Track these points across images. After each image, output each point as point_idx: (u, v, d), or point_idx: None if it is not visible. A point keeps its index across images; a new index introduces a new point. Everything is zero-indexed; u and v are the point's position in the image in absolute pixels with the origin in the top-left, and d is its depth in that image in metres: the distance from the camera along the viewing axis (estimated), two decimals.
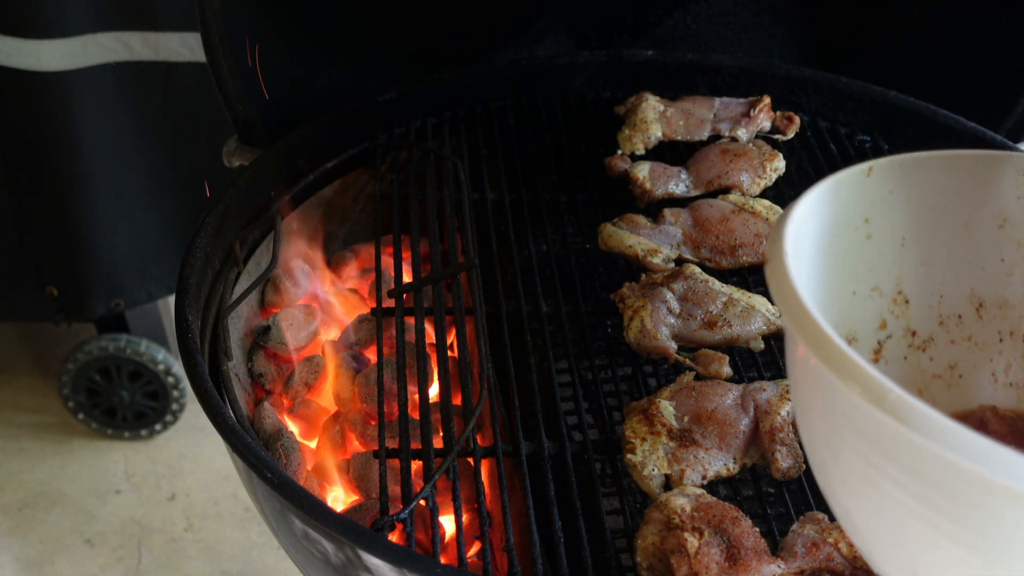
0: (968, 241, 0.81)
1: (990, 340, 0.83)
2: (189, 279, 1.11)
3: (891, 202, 0.77)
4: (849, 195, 0.75)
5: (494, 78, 1.47)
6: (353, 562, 0.88)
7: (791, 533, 0.92)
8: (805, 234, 0.70)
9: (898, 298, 0.80)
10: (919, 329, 0.82)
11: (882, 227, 0.78)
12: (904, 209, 0.78)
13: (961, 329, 0.83)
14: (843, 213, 0.75)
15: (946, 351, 0.83)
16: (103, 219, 2.03)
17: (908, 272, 0.80)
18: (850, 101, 1.45)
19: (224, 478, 2.24)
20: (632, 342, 1.11)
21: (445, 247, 1.24)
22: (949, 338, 0.83)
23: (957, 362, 0.83)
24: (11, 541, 2.11)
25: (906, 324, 0.81)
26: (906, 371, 0.81)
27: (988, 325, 0.83)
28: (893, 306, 0.80)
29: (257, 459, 0.93)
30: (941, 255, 0.81)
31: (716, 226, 1.23)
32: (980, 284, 0.82)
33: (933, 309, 0.82)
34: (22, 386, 2.43)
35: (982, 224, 0.80)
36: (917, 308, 0.81)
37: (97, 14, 1.84)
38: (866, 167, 0.76)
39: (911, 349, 0.82)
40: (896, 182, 0.77)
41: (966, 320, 0.83)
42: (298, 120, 1.35)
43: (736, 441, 0.99)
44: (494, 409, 1.07)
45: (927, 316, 0.82)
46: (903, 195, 0.78)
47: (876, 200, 0.77)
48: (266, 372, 1.19)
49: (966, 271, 0.82)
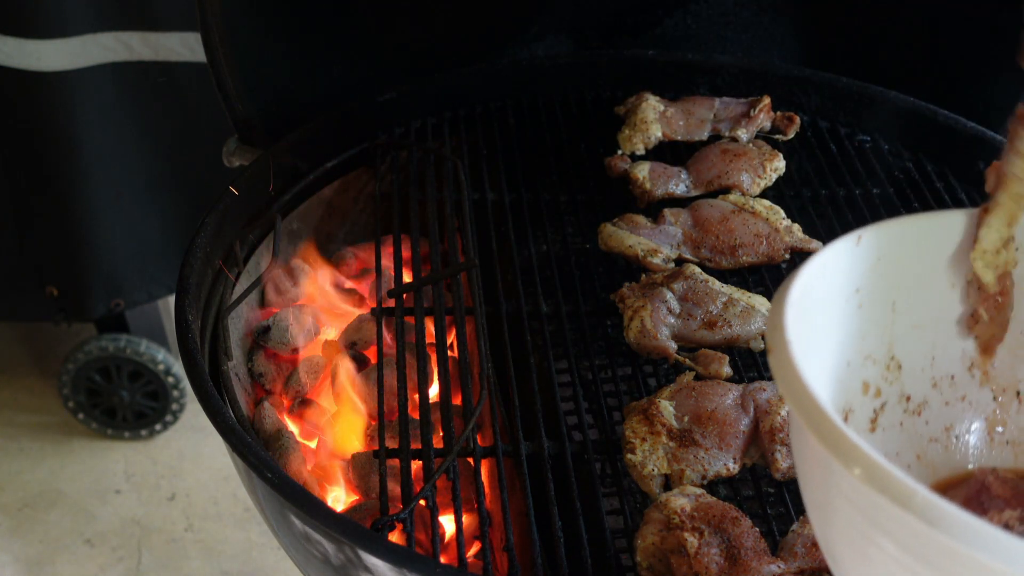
0: (956, 301, 0.81)
1: (984, 399, 0.83)
2: (189, 279, 1.11)
3: (880, 269, 0.78)
4: (839, 267, 0.76)
5: (494, 78, 1.47)
6: (353, 562, 0.88)
7: (791, 533, 0.92)
8: (803, 315, 0.70)
9: (891, 364, 0.80)
10: (913, 393, 0.82)
11: (872, 295, 0.78)
12: (893, 274, 0.79)
13: (954, 390, 0.83)
14: (835, 286, 0.76)
15: (941, 413, 0.83)
16: (103, 219, 2.03)
17: (900, 337, 0.80)
18: (850, 101, 1.45)
19: (224, 478, 2.24)
20: (632, 342, 1.11)
21: (445, 247, 1.24)
22: (943, 400, 0.83)
23: (953, 423, 0.83)
24: (11, 541, 2.11)
25: (900, 390, 0.81)
26: (903, 437, 0.81)
27: (981, 384, 0.83)
28: (887, 372, 0.80)
29: (257, 459, 0.93)
30: (931, 317, 0.81)
31: (716, 226, 1.23)
32: (969, 344, 0.82)
33: (926, 372, 0.82)
34: (22, 386, 2.43)
35: (967, 282, 0.81)
36: (910, 372, 0.81)
37: (97, 14, 1.84)
38: (855, 236, 0.76)
39: (907, 415, 0.82)
40: (884, 248, 0.78)
41: (959, 380, 0.83)
42: (298, 120, 1.35)
43: (736, 441, 0.99)
44: (494, 409, 1.07)
45: (920, 379, 0.82)
46: (891, 261, 0.78)
47: (865, 269, 0.77)
48: (266, 372, 1.19)
49: (956, 331, 0.82)
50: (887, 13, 1.50)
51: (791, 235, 1.23)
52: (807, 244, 1.23)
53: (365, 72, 1.45)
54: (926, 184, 1.35)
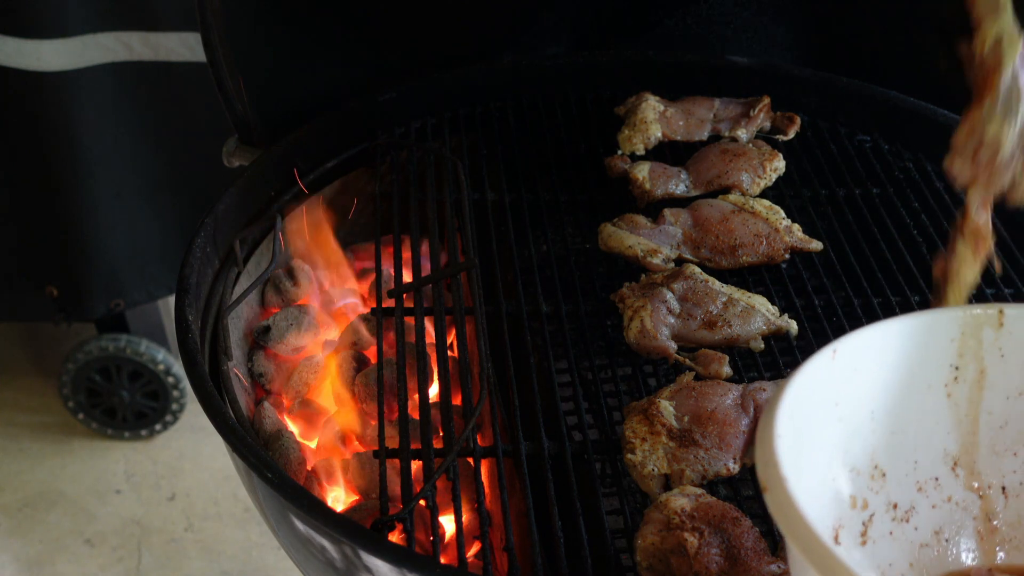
0: (933, 402, 0.82)
1: (969, 498, 0.83)
2: (189, 279, 1.11)
3: (857, 381, 0.78)
4: (817, 383, 0.76)
5: (494, 78, 1.47)
6: (353, 562, 0.88)
7: None
8: (789, 445, 0.70)
9: (875, 473, 0.80)
10: (900, 500, 0.82)
11: (852, 407, 0.78)
12: (870, 383, 0.79)
13: (940, 492, 0.83)
14: (814, 404, 0.76)
15: (929, 517, 0.82)
16: (103, 219, 2.03)
17: (881, 444, 0.80)
18: (850, 101, 1.45)
19: (224, 478, 2.24)
20: (632, 342, 1.11)
21: (445, 247, 1.24)
22: (930, 503, 0.82)
23: (942, 527, 0.83)
24: (11, 541, 2.11)
25: (887, 498, 0.81)
26: (894, 547, 0.81)
27: (965, 482, 0.83)
28: (871, 482, 0.80)
29: (257, 459, 0.93)
30: (911, 421, 0.81)
31: (716, 226, 1.23)
32: (950, 442, 0.83)
33: (910, 476, 0.82)
34: (22, 386, 2.43)
35: (942, 382, 0.82)
36: (894, 479, 0.81)
37: (97, 14, 1.84)
38: (830, 351, 0.76)
39: (895, 523, 0.81)
40: (860, 359, 0.78)
41: (943, 482, 0.83)
42: (298, 120, 1.35)
43: (736, 441, 0.99)
44: (494, 409, 1.06)
45: (905, 485, 0.82)
46: (868, 370, 0.79)
47: (842, 381, 0.77)
48: (266, 372, 1.19)
49: (936, 432, 0.82)
50: (887, 13, 1.50)
51: (791, 235, 1.23)
52: (807, 244, 1.23)
53: (365, 72, 1.45)
54: (926, 184, 1.35)
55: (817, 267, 1.23)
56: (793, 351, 1.12)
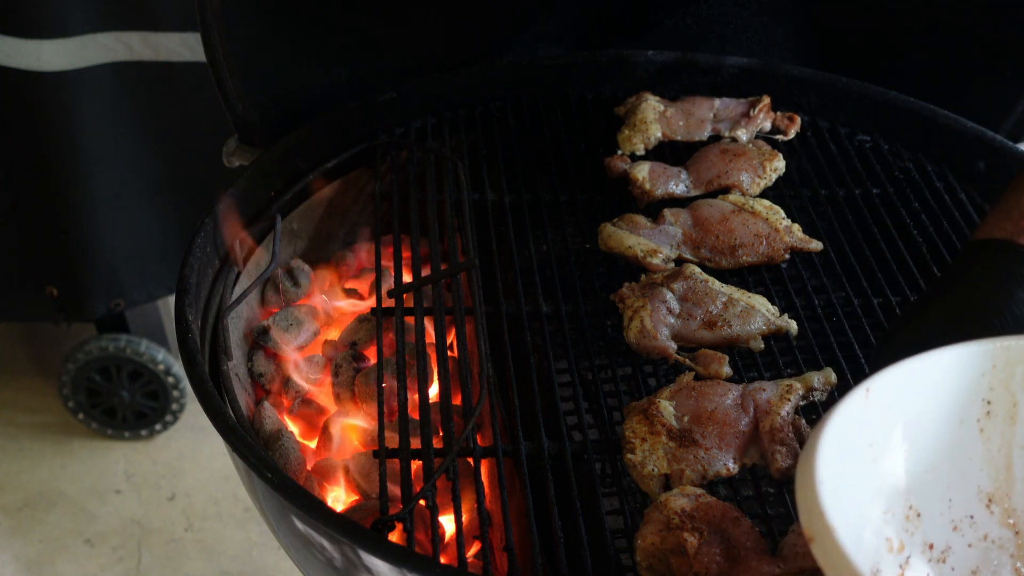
0: (965, 438, 0.81)
1: (1006, 535, 0.83)
2: (189, 279, 1.11)
3: (890, 419, 0.78)
4: (853, 423, 0.75)
5: (494, 78, 1.47)
6: (353, 562, 0.88)
7: (791, 533, 0.92)
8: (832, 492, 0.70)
9: (910, 514, 0.80)
10: (935, 541, 0.81)
11: (885, 447, 0.78)
12: (903, 421, 0.79)
13: (975, 530, 0.82)
14: (851, 445, 0.75)
15: (966, 556, 0.82)
16: (103, 219, 2.03)
17: (915, 484, 0.80)
18: (850, 101, 1.45)
19: (224, 478, 2.24)
20: (632, 342, 1.11)
21: (445, 247, 1.24)
22: (966, 542, 0.82)
23: (979, 566, 0.82)
24: (11, 541, 2.11)
25: (922, 539, 0.80)
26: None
27: (1000, 519, 0.82)
28: (907, 523, 0.80)
29: (257, 459, 0.93)
30: (944, 458, 0.81)
31: (716, 226, 1.22)
32: (984, 479, 0.82)
33: (945, 516, 0.81)
34: (22, 386, 2.42)
35: (974, 417, 0.81)
36: (929, 518, 0.81)
37: (97, 14, 1.84)
38: (864, 390, 0.76)
39: (932, 564, 0.81)
40: (893, 396, 0.78)
41: (978, 519, 0.82)
42: (298, 120, 1.35)
43: (736, 441, 0.99)
44: (494, 409, 1.06)
45: (940, 524, 0.81)
46: (901, 408, 0.78)
47: (876, 421, 0.77)
48: (266, 372, 1.19)
49: (969, 468, 0.82)
50: (887, 14, 1.50)
51: (791, 235, 1.23)
52: (807, 244, 1.23)
53: (365, 72, 1.45)
54: (926, 184, 1.35)
55: (817, 267, 1.23)
56: (793, 351, 1.12)
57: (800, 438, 1.00)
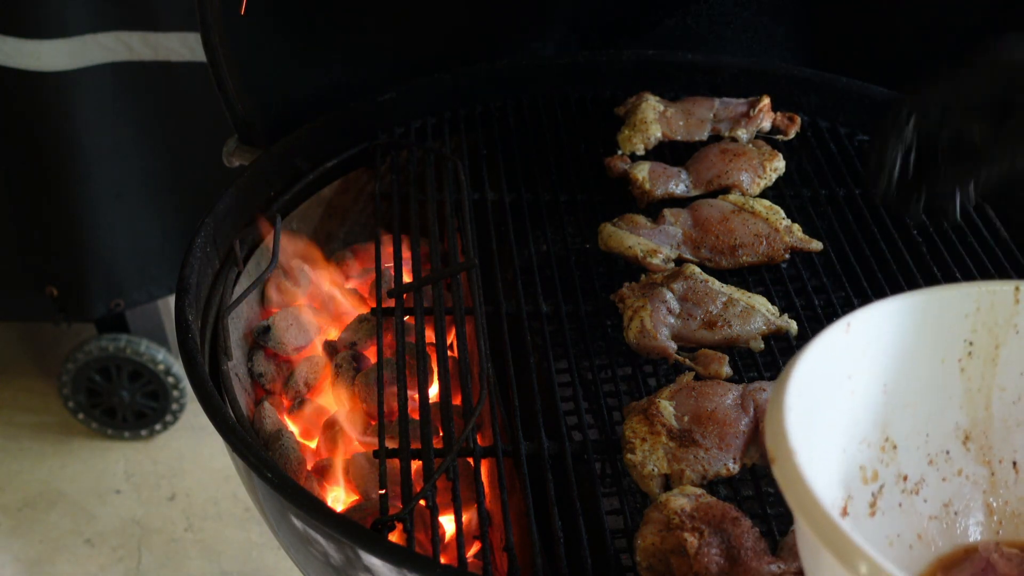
0: (946, 376, 0.82)
1: (980, 472, 0.83)
2: (189, 279, 1.11)
3: (870, 353, 0.78)
4: (830, 357, 0.76)
5: (494, 78, 1.47)
6: (353, 562, 0.88)
7: (791, 533, 0.92)
8: (800, 417, 0.70)
9: (886, 445, 0.81)
10: (910, 473, 0.82)
11: (864, 379, 0.79)
12: (883, 356, 0.79)
13: (950, 465, 0.83)
14: (827, 378, 0.76)
15: (939, 490, 0.83)
16: (103, 219, 2.03)
17: (893, 417, 0.81)
18: (850, 101, 1.45)
19: (224, 478, 2.24)
20: (632, 342, 1.11)
21: (445, 247, 1.24)
22: (940, 476, 0.83)
23: (951, 500, 0.83)
24: (11, 541, 2.11)
25: (897, 470, 0.81)
26: (902, 518, 0.81)
27: (976, 457, 0.83)
28: (882, 454, 0.81)
29: (257, 459, 0.93)
30: (922, 394, 0.82)
31: (716, 226, 1.22)
32: (962, 417, 0.83)
33: (921, 449, 0.82)
34: (22, 386, 2.42)
35: (955, 357, 0.82)
36: (905, 451, 0.81)
37: (97, 14, 1.84)
38: (844, 324, 0.77)
39: (904, 495, 0.82)
40: (873, 333, 0.78)
41: (954, 455, 0.83)
42: (298, 120, 1.35)
43: (736, 441, 0.99)
44: (494, 409, 1.06)
45: (916, 458, 0.82)
46: (881, 344, 0.79)
47: (856, 355, 0.77)
48: (266, 372, 1.19)
49: (948, 406, 0.83)
50: (886, 13, 1.50)
51: (791, 235, 1.23)
52: (807, 244, 1.23)
53: (365, 72, 1.45)
54: None
55: (817, 267, 1.23)
56: (793, 351, 1.12)
57: None
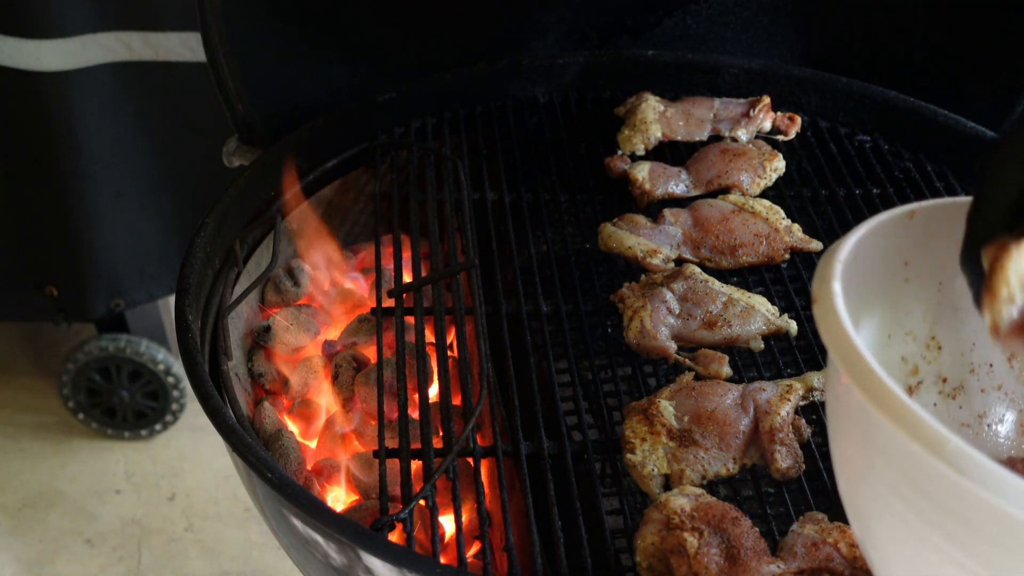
0: None
1: (1020, 391, 0.82)
2: (189, 279, 1.11)
3: (931, 246, 0.77)
4: (891, 237, 0.75)
5: (494, 78, 1.47)
6: (353, 562, 0.88)
7: (791, 533, 0.92)
8: (851, 276, 0.69)
9: (931, 343, 0.80)
10: (950, 376, 0.81)
11: (920, 271, 0.78)
12: (944, 253, 0.78)
13: (991, 378, 0.82)
14: (884, 255, 0.75)
15: (976, 400, 0.82)
16: (103, 219, 2.03)
17: (942, 318, 0.80)
18: (850, 101, 1.45)
19: (224, 478, 2.24)
20: (632, 342, 1.11)
21: (445, 247, 1.24)
22: (979, 387, 0.82)
23: (986, 411, 0.82)
24: (11, 541, 2.11)
25: (937, 370, 0.81)
26: (936, 418, 0.81)
27: (1019, 375, 0.82)
28: (926, 352, 0.80)
29: (257, 459, 0.93)
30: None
31: (716, 226, 1.23)
32: None
33: (965, 356, 0.81)
34: (22, 386, 2.43)
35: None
36: (949, 355, 0.81)
37: (97, 14, 1.84)
38: (909, 210, 0.76)
39: (941, 396, 0.81)
40: (938, 226, 0.77)
41: (997, 369, 0.82)
42: (298, 120, 1.35)
43: (736, 441, 0.99)
44: (494, 409, 1.07)
45: (958, 363, 0.81)
46: (944, 239, 0.77)
47: (917, 243, 0.76)
48: (266, 372, 1.19)
49: None
50: (886, 13, 1.50)
51: (791, 235, 1.23)
52: (807, 244, 1.23)
53: (365, 72, 1.45)
54: (926, 184, 1.35)
55: None
56: (793, 351, 1.12)
57: (800, 438, 1.00)
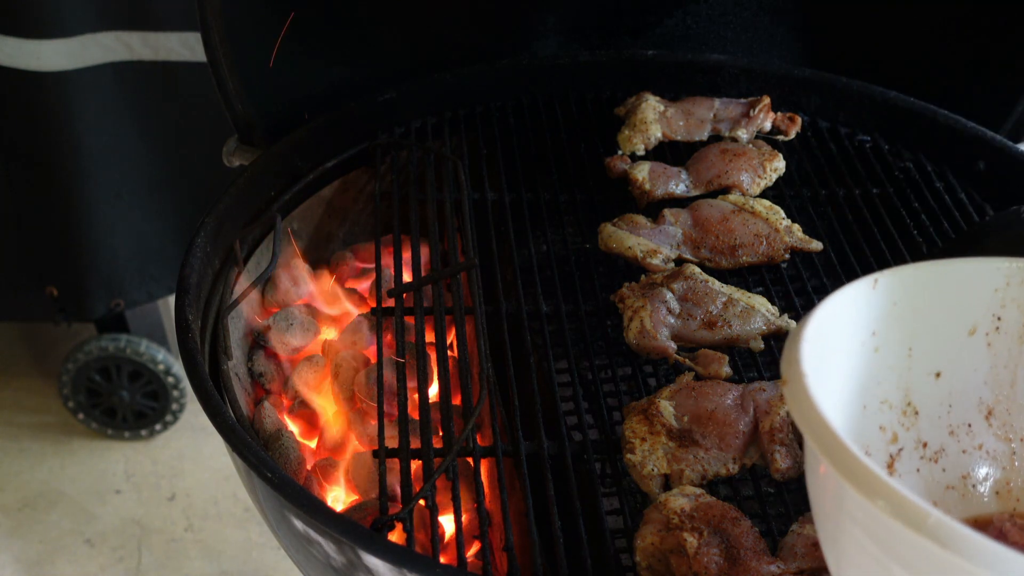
0: (972, 349, 0.81)
1: (1000, 448, 0.83)
2: (189, 279, 1.11)
3: (896, 314, 0.77)
4: (855, 309, 0.75)
5: (494, 78, 1.47)
6: (353, 562, 0.88)
7: (791, 533, 0.92)
8: (818, 353, 0.70)
9: (907, 410, 0.80)
10: (930, 440, 0.81)
11: (889, 339, 0.78)
12: (910, 320, 0.78)
13: (971, 438, 0.82)
14: (850, 328, 0.75)
15: (958, 461, 0.82)
16: (103, 219, 2.03)
17: (916, 383, 0.80)
18: (850, 101, 1.44)
19: (224, 478, 2.24)
20: (632, 342, 1.11)
21: (445, 247, 1.24)
22: (960, 448, 0.82)
23: (969, 472, 0.82)
24: (11, 541, 2.11)
25: (917, 436, 0.81)
26: (919, 483, 0.81)
27: (998, 433, 0.83)
28: (903, 418, 0.80)
29: (257, 459, 0.93)
30: (948, 364, 0.81)
31: (716, 226, 1.22)
32: (986, 391, 0.82)
33: (943, 419, 0.81)
34: (22, 386, 2.43)
35: (983, 331, 0.81)
36: (927, 419, 0.81)
37: (97, 14, 1.84)
38: (871, 280, 0.76)
39: (923, 461, 0.81)
40: (900, 294, 0.77)
41: (976, 429, 0.82)
42: (298, 120, 1.35)
43: (736, 441, 0.99)
44: (494, 409, 1.06)
45: (937, 426, 0.81)
46: (908, 306, 0.78)
47: (882, 313, 0.77)
48: (266, 372, 1.19)
49: (972, 379, 0.82)
50: (887, 14, 1.50)
51: (791, 235, 1.23)
52: (807, 244, 1.23)
53: (365, 72, 1.45)
54: (926, 184, 1.35)
55: (817, 267, 1.23)
56: None
57: (799, 438, 1.00)
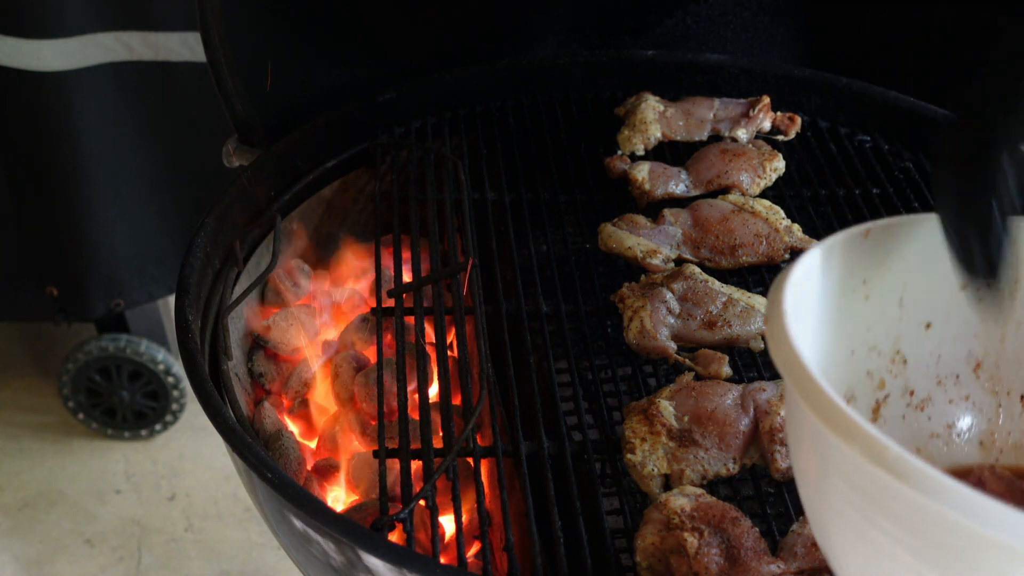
0: (964, 303, 0.81)
1: (987, 401, 0.83)
2: (189, 279, 1.11)
3: (889, 264, 0.78)
4: (847, 257, 0.76)
5: (494, 78, 1.47)
6: (353, 562, 0.88)
7: (791, 533, 0.92)
8: (803, 296, 0.71)
9: (896, 358, 0.81)
10: (917, 388, 0.82)
11: (880, 288, 0.79)
12: (902, 270, 0.79)
13: (959, 389, 0.83)
14: (841, 275, 0.76)
15: (944, 410, 0.83)
16: (103, 219, 2.03)
17: (906, 332, 0.81)
18: (850, 101, 1.45)
19: (224, 478, 2.24)
20: (632, 342, 1.11)
21: (445, 247, 1.24)
22: (947, 398, 0.83)
23: (955, 421, 0.83)
24: (11, 541, 2.11)
25: (904, 383, 0.81)
26: (904, 430, 0.82)
27: (985, 385, 0.83)
28: (891, 366, 0.81)
29: (257, 459, 0.93)
30: (938, 316, 0.81)
31: (716, 226, 1.23)
32: (976, 345, 0.83)
33: (931, 369, 0.82)
34: (22, 386, 2.43)
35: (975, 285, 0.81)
36: (915, 368, 0.82)
37: (97, 14, 1.84)
38: (863, 230, 0.77)
39: (909, 408, 0.82)
40: (893, 244, 0.78)
41: (963, 380, 0.83)
42: (298, 120, 1.35)
43: (736, 441, 0.99)
44: (494, 409, 1.06)
45: (925, 376, 0.82)
46: (900, 257, 0.79)
47: (874, 262, 0.77)
48: (266, 372, 1.19)
49: (963, 331, 0.82)
50: (886, 14, 1.50)
51: (791, 235, 1.23)
52: (807, 244, 1.23)
53: (365, 72, 1.45)
54: (926, 184, 1.35)
55: None
56: None
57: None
